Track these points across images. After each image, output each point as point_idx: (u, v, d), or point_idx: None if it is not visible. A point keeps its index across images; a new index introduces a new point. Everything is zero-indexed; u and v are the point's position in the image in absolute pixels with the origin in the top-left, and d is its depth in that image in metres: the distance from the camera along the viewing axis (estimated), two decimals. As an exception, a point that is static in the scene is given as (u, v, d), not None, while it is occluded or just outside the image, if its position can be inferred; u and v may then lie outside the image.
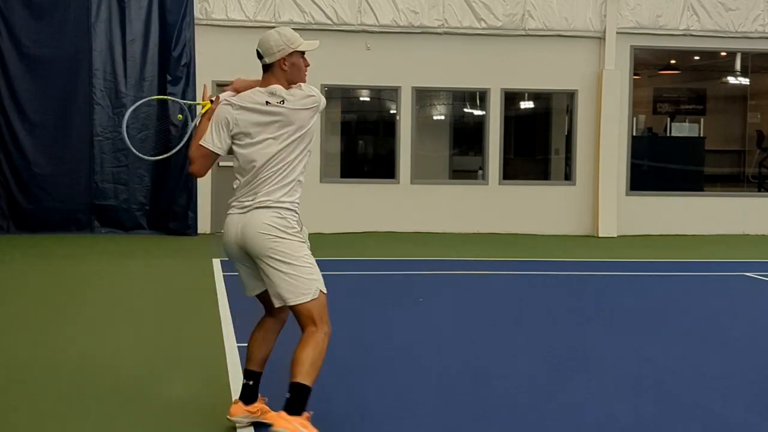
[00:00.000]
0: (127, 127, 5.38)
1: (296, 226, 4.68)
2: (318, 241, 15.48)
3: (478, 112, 16.38)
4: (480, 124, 15.93)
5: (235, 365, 6.06)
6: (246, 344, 4.80)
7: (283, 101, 4.60)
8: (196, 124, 4.87)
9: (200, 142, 4.64)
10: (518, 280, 10.68)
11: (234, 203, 4.64)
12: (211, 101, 4.81)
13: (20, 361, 6.30)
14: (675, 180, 16.48)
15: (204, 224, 14.70)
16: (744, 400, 5.56)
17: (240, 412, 4.76)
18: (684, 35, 15.74)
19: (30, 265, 11.25)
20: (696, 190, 16.60)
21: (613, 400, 5.51)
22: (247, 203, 4.57)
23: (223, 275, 10.14)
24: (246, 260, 4.70)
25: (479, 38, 15.28)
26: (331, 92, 15.53)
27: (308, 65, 4.85)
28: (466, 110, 17.32)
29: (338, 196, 15.10)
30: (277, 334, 4.86)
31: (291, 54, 4.71)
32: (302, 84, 4.75)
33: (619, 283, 10.75)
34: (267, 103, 4.59)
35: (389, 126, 15.84)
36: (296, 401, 4.39)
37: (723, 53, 16.90)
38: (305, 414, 4.43)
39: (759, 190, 17.95)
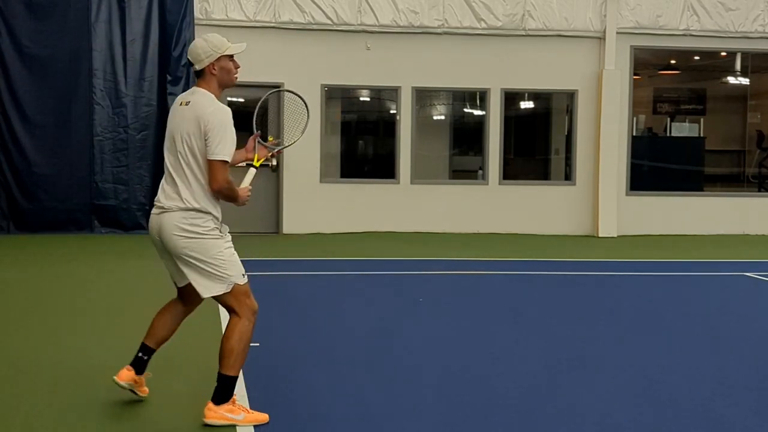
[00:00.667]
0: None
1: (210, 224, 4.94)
2: (318, 241, 15.53)
3: (478, 112, 16.38)
4: (480, 124, 15.93)
5: (235, 365, 6.05)
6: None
7: (188, 102, 4.89)
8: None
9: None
10: (518, 280, 10.68)
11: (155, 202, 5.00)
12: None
13: (20, 361, 6.30)
14: (675, 180, 16.48)
15: (204, 224, 14.68)
16: (744, 400, 5.56)
17: (128, 378, 5.14)
18: (684, 35, 15.74)
19: (30, 265, 11.25)
20: (696, 190, 16.60)
21: (613, 400, 5.51)
22: (161, 204, 4.93)
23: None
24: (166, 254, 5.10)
25: (479, 38, 15.28)
26: (331, 92, 15.54)
27: (238, 67, 5.06)
28: (466, 110, 17.32)
29: (338, 196, 15.10)
30: (181, 320, 5.38)
31: (219, 59, 4.92)
32: (217, 102, 4.95)
33: (619, 283, 10.75)
34: (180, 103, 4.97)
35: (389, 126, 15.84)
36: (221, 391, 4.85)
37: (723, 53, 16.90)
38: (232, 398, 4.89)
39: (759, 190, 17.95)
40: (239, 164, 5.41)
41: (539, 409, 5.29)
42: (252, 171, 5.34)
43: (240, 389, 5.49)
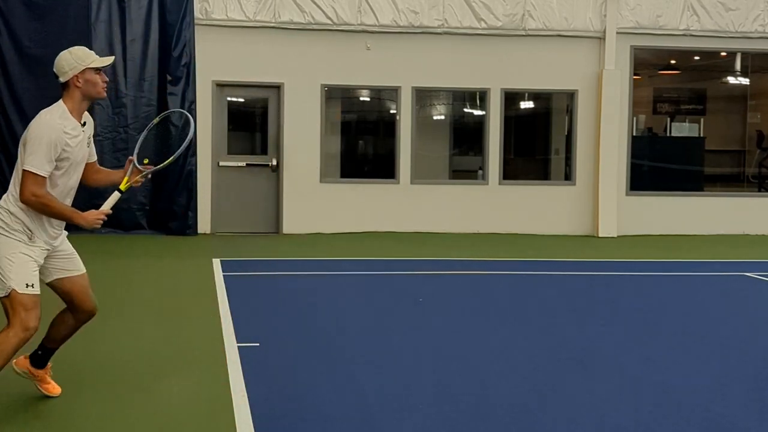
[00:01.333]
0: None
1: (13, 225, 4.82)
2: (318, 241, 15.51)
3: (478, 112, 16.37)
4: (480, 124, 15.93)
5: (235, 365, 6.06)
6: (246, 344, 4.81)
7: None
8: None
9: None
10: (518, 280, 10.68)
11: None
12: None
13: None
14: (675, 180, 16.48)
15: (204, 224, 14.70)
16: (744, 400, 5.56)
17: (23, 366, 5.28)
18: (684, 35, 15.74)
19: (30, 265, 11.23)
20: (696, 190, 16.59)
21: (613, 400, 5.51)
22: None
23: (223, 275, 10.15)
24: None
25: (479, 38, 15.28)
26: (331, 92, 15.53)
27: (106, 81, 5.13)
28: (466, 110, 17.31)
29: (338, 196, 15.10)
30: (72, 329, 5.38)
31: (84, 71, 5.11)
32: (51, 115, 5.15)
33: (619, 283, 10.75)
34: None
35: (389, 126, 15.84)
36: None
37: (723, 53, 16.90)
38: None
39: (759, 190, 17.95)
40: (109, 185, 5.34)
41: (539, 409, 5.29)
42: (116, 194, 5.14)
43: (240, 388, 5.49)
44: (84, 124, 5.24)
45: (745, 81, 17.87)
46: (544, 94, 16.51)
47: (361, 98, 16.59)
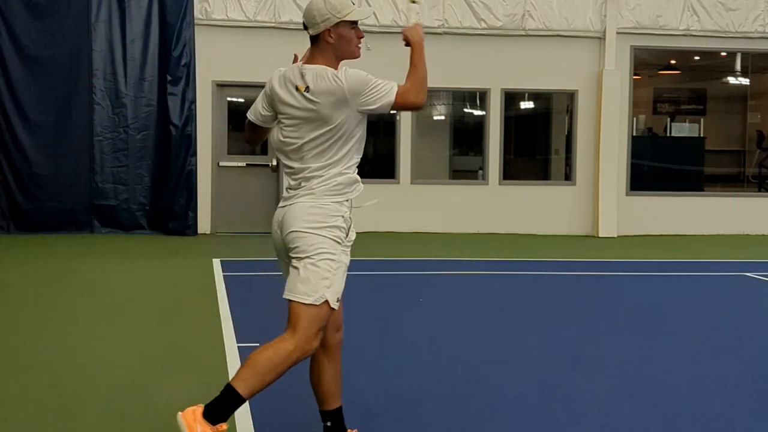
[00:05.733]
0: None
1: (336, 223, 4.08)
2: (318, 241, 15.28)
3: (478, 112, 16.38)
4: (480, 124, 15.93)
5: (235, 365, 6.05)
6: (246, 344, 4.80)
7: (308, 89, 3.99)
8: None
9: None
10: (518, 280, 10.68)
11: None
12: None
13: (20, 361, 6.30)
14: (675, 180, 16.48)
15: (204, 224, 14.70)
16: (744, 400, 5.56)
17: None
18: (684, 35, 15.74)
19: (30, 265, 11.25)
20: (696, 190, 16.60)
21: (613, 400, 5.51)
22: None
23: (223, 275, 10.15)
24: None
25: (479, 38, 15.28)
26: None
27: (361, 36, 4.18)
28: (466, 110, 17.32)
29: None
30: (337, 361, 4.53)
31: (337, 24, 4.04)
32: (343, 69, 4.07)
33: (619, 283, 10.75)
34: (296, 88, 4.02)
35: (389, 126, 15.83)
36: (220, 406, 3.92)
37: (723, 53, 16.91)
38: (221, 426, 3.93)
39: (759, 190, 17.95)
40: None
41: (539, 409, 5.29)
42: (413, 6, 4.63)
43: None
44: None
45: (745, 81, 17.88)
46: (544, 94, 16.52)
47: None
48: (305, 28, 4.12)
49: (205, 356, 6.46)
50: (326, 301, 4.09)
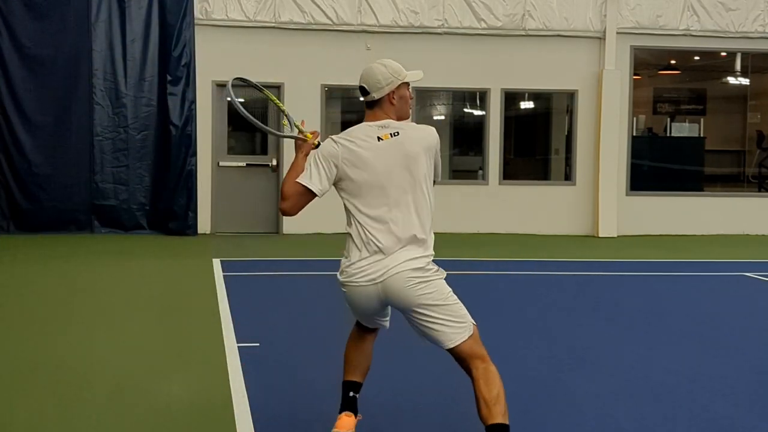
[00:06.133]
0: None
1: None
2: (318, 242, 15.51)
3: (478, 112, 16.38)
4: (480, 124, 15.93)
5: (235, 365, 6.06)
6: (246, 344, 4.81)
7: (397, 133, 4.29)
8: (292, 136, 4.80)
9: (297, 179, 4.34)
10: (518, 280, 10.68)
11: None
12: (317, 144, 4.65)
13: (20, 361, 6.30)
14: (675, 180, 16.48)
15: (204, 224, 14.70)
16: (744, 400, 5.56)
17: (351, 426, 4.53)
18: (684, 35, 15.74)
19: (30, 265, 11.25)
20: (696, 190, 16.60)
21: (613, 400, 5.51)
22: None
23: (223, 275, 10.15)
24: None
25: (479, 38, 15.28)
26: (331, 92, 15.53)
27: (412, 98, 4.53)
28: (466, 110, 17.32)
29: (338, 196, 15.07)
30: (372, 343, 4.78)
31: (399, 86, 4.38)
32: (411, 123, 4.45)
33: (619, 283, 10.75)
34: (379, 138, 4.29)
35: (389, 126, 15.81)
36: None
37: (723, 53, 16.91)
38: None
39: (759, 190, 17.95)
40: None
41: (539, 409, 5.29)
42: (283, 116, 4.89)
43: (240, 388, 5.49)
44: None
45: (745, 81, 17.87)
46: (544, 94, 16.52)
47: (362, 98, 16.56)
48: (365, 93, 4.38)
49: (205, 356, 6.46)
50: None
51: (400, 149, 4.25)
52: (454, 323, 4.28)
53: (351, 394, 4.55)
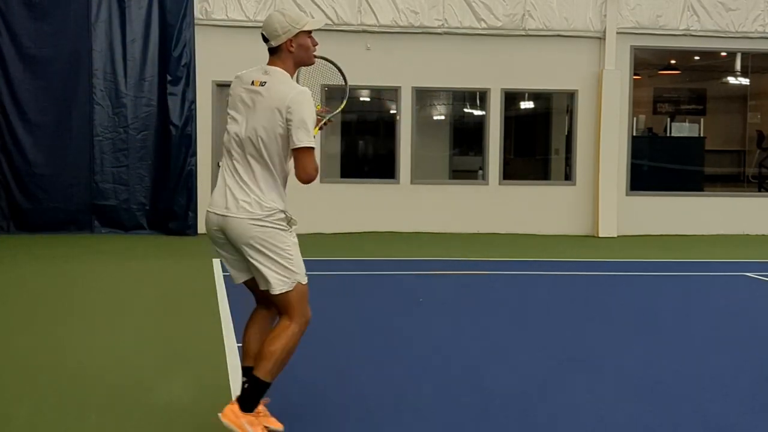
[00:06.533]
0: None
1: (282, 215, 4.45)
2: (318, 241, 15.51)
3: (478, 112, 16.38)
4: (480, 124, 15.93)
5: (235, 365, 6.05)
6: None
7: (265, 83, 4.41)
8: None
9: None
10: (518, 280, 10.68)
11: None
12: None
13: (20, 361, 6.30)
14: (675, 180, 16.49)
15: (204, 224, 14.69)
16: (744, 400, 5.56)
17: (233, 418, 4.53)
18: (684, 35, 15.74)
19: (30, 265, 11.25)
20: (696, 190, 16.60)
21: (613, 400, 5.51)
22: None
23: (223, 275, 10.14)
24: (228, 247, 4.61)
25: (479, 38, 15.28)
26: (331, 92, 15.53)
27: (316, 44, 4.63)
28: (466, 110, 17.32)
29: (338, 196, 15.10)
30: (272, 323, 4.74)
31: (297, 35, 4.49)
32: (287, 78, 4.48)
33: (619, 283, 10.75)
34: (252, 82, 4.44)
35: (389, 126, 15.84)
36: (252, 396, 4.41)
37: (723, 53, 16.91)
38: (259, 407, 4.47)
39: (759, 190, 17.95)
40: None
41: (539, 409, 5.29)
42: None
43: (239, 388, 5.48)
44: None
45: (745, 81, 17.88)
46: (544, 94, 16.52)
47: (361, 98, 16.59)
48: (265, 40, 4.48)
49: (205, 356, 6.46)
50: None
51: (259, 99, 4.39)
52: (279, 273, 4.45)
53: (245, 384, 4.57)
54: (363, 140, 17.35)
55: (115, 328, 7.50)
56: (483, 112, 15.83)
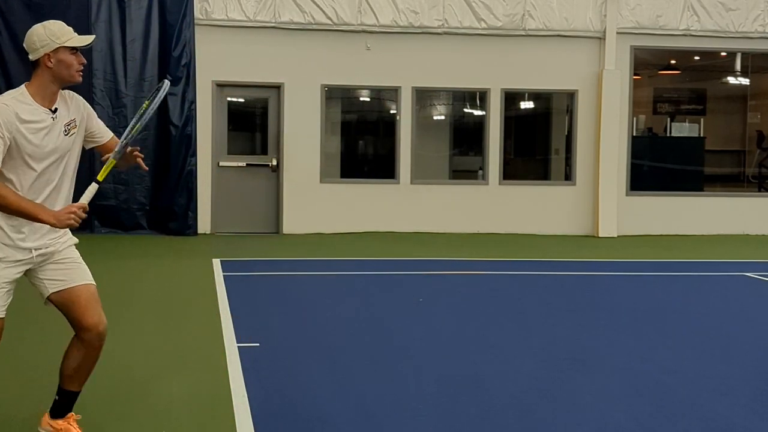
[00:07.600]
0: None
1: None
2: (318, 241, 15.51)
3: (478, 112, 16.37)
4: (480, 124, 15.93)
5: (235, 365, 6.06)
6: (246, 344, 4.81)
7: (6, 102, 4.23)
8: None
9: None
10: (518, 280, 10.68)
11: None
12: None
13: (20, 361, 6.30)
14: (675, 180, 16.48)
15: (204, 224, 14.70)
16: (744, 400, 5.56)
17: (45, 424, 4.76)
18: (684, 35, 15.74)
19: (30, 265, 11.23)
20: (696, 190, 16.60)
21: (613, 400, 5.51)
22: None
23: (223, 275, 10.15)
24: None
25: (479, 38, 15.28)
26: (331, 92, 15.53)
27: (83, 62, 4.40)
28: (466, 110, 17.31)
29: (338, 196, 15.10)
30: (81, 357, 4.79)
31: (57, 50, 4.30)
32: (67, 93, 4.45)
33: (619, 283, 10.75)
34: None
35: (389, 126, 15.84)
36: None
37: (723, 53, 16.91)
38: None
39: (759, 190, 17.95)
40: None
41: (539, 409, 5.29)
42: (93, 186, 4.78)
43: (240, 388, 5.49)
44: (55, 111, 4.44)
45: (745, 81, 17.87)
46: (544, 94, 16.51)
47: (361, 98, 16.59)
48: (27, 53, 4.31)
49: (205, 356, 6.46)
50: None
51: None
52: None
53: (56, 398, 4.78)
54: (363, 140, 17.35)
55: (115, 328, 7.47)
56: (483, 112, 15.83)
